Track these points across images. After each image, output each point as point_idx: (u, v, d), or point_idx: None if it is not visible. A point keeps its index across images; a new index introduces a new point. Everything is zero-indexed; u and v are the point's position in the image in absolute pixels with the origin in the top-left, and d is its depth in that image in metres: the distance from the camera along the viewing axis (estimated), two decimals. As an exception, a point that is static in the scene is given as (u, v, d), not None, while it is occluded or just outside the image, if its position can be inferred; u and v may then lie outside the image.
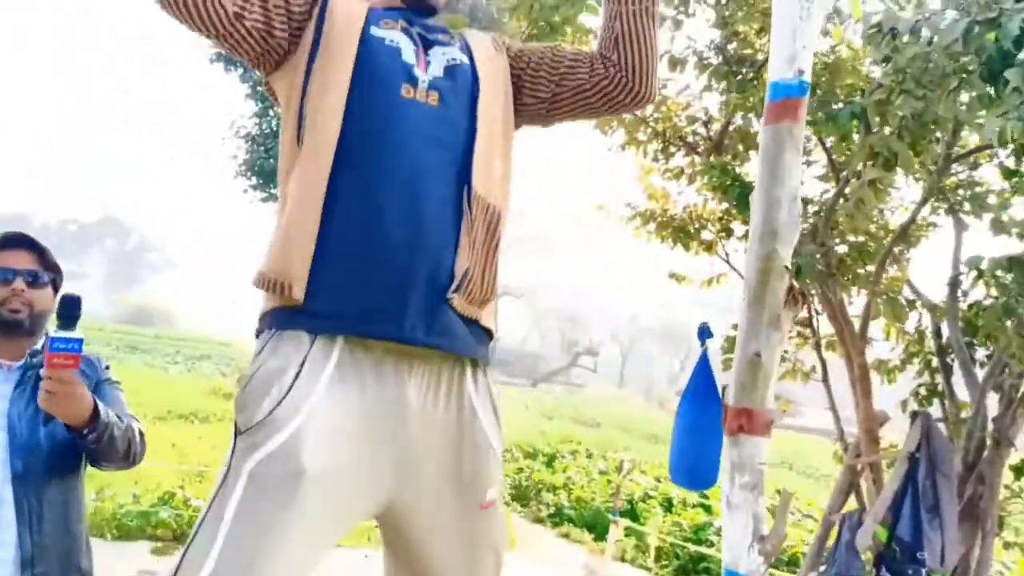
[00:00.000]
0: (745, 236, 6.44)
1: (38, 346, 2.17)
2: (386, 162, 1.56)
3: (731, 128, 6.03)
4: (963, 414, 5.75)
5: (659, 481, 10.88)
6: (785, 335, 1.90)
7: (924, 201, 5.37)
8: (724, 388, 1.91)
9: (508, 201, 1.73)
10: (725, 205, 6.18)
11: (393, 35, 1.66)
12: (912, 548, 5.21)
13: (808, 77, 1.82)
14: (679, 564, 7.93)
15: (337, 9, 1.66)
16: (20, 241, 2.21)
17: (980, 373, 5.60)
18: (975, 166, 5.52)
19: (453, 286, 1.57)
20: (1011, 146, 4.07)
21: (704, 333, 5.65)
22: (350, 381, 1.52)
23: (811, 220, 5.86)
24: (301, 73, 1.63)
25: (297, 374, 1.49)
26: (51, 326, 2.01)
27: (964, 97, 3.22)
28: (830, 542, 5.70)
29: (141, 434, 2.19)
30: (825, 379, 6.47)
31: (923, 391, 6.42)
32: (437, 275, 1.56)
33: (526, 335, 68.52)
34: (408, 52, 1.65)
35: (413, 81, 1.63)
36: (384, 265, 1.52)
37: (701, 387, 5.45)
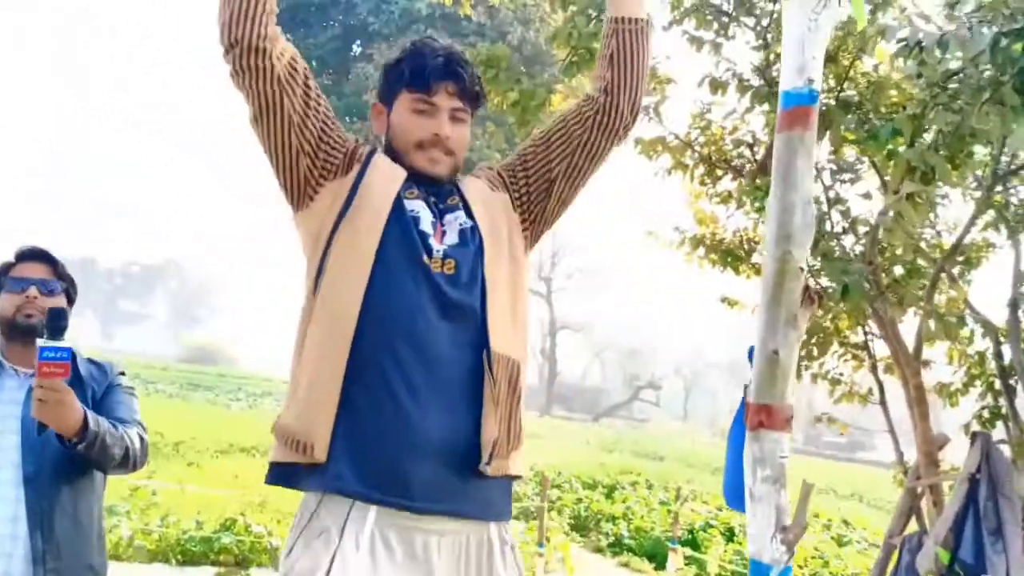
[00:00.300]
0: (826, 258, 6.45)
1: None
2: (407, 327, 1.66)
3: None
4: (1028, 437, 5.64)
5: (720, 511, 10.79)
6: (802, 333, 1.97)
7: (975, 218, 5.35)
8: (746, 387, 1.99)
9: (527, 347, 1.84)
10: (775, 228, 6.19)
11: (416, 205, 1.78)
12: (975, 571, 5.16)
13: (818, 86, 1.91)
14: (741, 594, 7.86)
15: (378, 170, 1.79)
16: (35, 254, 2.37)
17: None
18: (1030, 181, 5.48)
19: (485, 458, 1.65)
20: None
21: (754, 354, 5.71)
22: (381, 564, 1.60)
23: (862, 241, 5.87)
24: (329, 225, 1.74)
25: (330, 569, 1.57)
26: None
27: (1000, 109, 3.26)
28: (891, 566, 5.64)
29: (142, 440, 2.31)
30: (882, 402, 6.42)
31: (986, 413, 6.33)
32: (467, 448, 1.65)
33: (586, 369, 68.26)
34: (426, 223, 1.77)
35: (430, 251, 1.73)
36: (411, 436, 1.61)
37: (752, 410, 5.51)
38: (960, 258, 5.88)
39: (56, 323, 2.01)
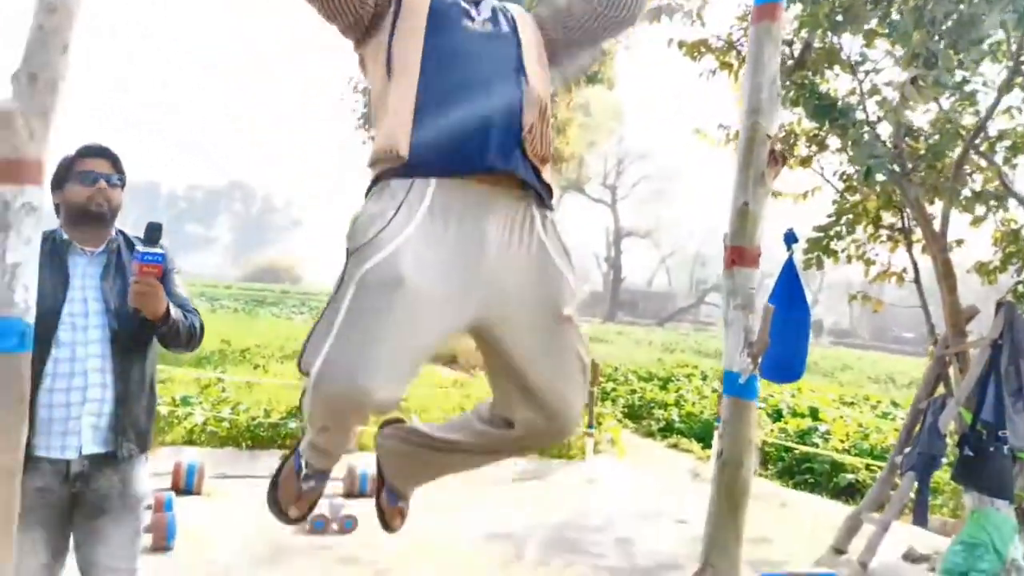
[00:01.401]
0: (839, 150, 6.72)
1: (113, 235, 2.69)
2: (461, 63, 2.05)
3: (815, 47, 6.25)
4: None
5: (771, 396, 11.28)
6: (769, 189, 2.38)
7: (997, 100, 5.57)
8: (725, 235, 2.41)
9: (549, 96, 2.21)
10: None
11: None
12: (995, 428, 5.49)
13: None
14: (784, 466, 8.37)
15: None
16: (98, 150, 2.68)
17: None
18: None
19: (526, 129, 2.02)
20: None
21: (790, 238, 6.04)
22: (439, 218, 1.93)
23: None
24: (387, 30, 2.11)
25: (396, 211, 1.91)
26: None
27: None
28: (918, 428, 6.05)
29: (201, 326, 2.76)
30: (916, 279, 6.74)
31: (1021, 288, 6.61)
32: (511, 123, 2.02)
33: (653, 275, 68.28)
34: (465, 2, 2.16)
35: (471, 18, 2.14)
36: (468, 121, 1.97)
37: (787, 289, 5.89)
38: (993, 138, 6.10)
39: (152, 234, 2.53)
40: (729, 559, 2.23)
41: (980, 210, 5.79)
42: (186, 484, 6.17)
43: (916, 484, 5.78)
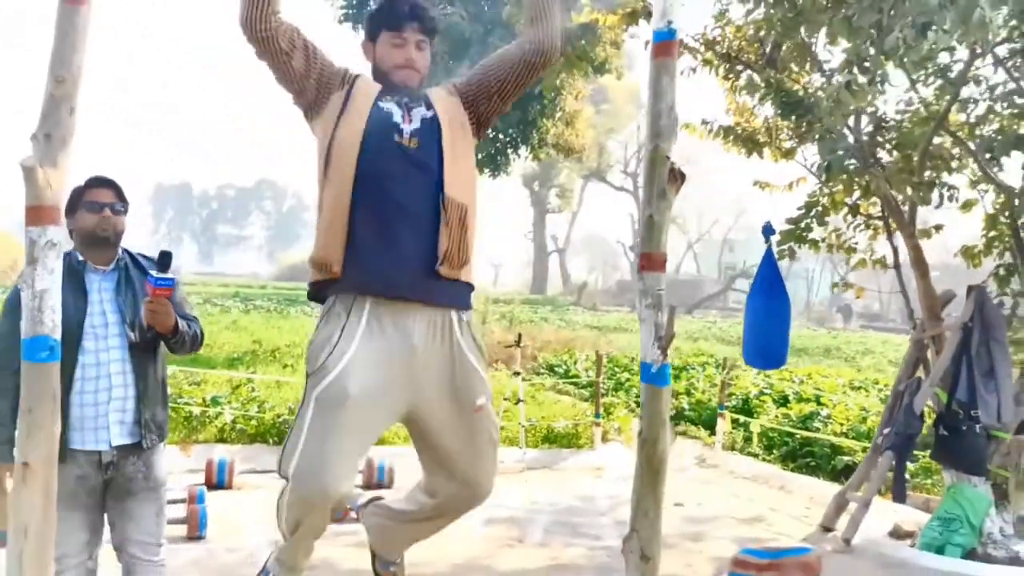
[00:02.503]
0: (821, 139, 6.97)
1: (120, 254, 3.07)
2: (387, 183, 2.57)
3: (783, 46, 6.53)
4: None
5: (781, 380, 11.56)
6: (671, 202, 2.71)
7: (954, 100, 5.84)
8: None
9: (475, 194, 2.73)
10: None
11: (390, 106, 2.67)
12: (968, 407, 5.76)
13: (677, 27, 2.63)
14: (787, 450, 8.67)
15: (359, 88, 2.69)
16: (103, 181, 3.06)
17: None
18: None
19: (439, 262, 2.56)
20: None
21: (768, 230, 6.40)
22: (375, 335, 2.52)
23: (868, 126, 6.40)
24: (331, 124, 2.63)
25: (340, 335, 2.51)
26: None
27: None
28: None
29: (201, 332, 3.20)
30: (896, 265, 7.00)
31: (1002, 271, 6.85)
32: (427, 255, 2.56)
33: (681, 262, 68.22)
34: (397, 115, 2.65)
35: (400, 133, 2.64)
36: (389, 254, 2.53)
37: (767, 279, 6.20)
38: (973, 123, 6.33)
39: (164, 260, 2.92)
40: (650, 524, 2.55)
41: (936, 197, 6.04)
42: (218, 479, 6.66)
43: (894, 463, 6.06)
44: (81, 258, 3.03)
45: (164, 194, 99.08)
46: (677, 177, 2.76)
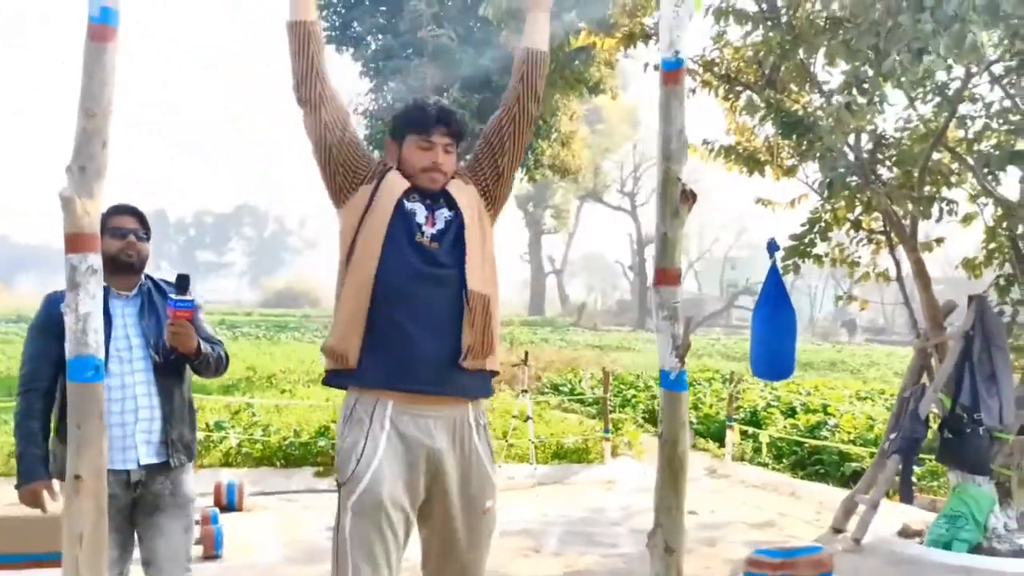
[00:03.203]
0: (822, 157, 7.19)
1: (142, 280, 3.18)
2: (410, 285, 2.64)
3: (783, 67, 6.75)
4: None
5: (787, 393, 11.75)
6: (684, 220, 2.92)
7: (952, 117, 6.07)
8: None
9: (496, 288, 2.82)
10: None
11: (414, 205, 2.74)
12: (971, 411, 5.98)
13: (683, 55, 2.84)
14: (796, 459, 8.90)
15: (387, 184, 2.76)
16: (128, 209, 3.18)
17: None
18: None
19: (462, 356, 2.64)
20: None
21: (772, 246, 6.64)
22: (398, 440, 2.62)
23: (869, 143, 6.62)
24: (357, 217, 2.73)
25: (365, 442, 2.60)
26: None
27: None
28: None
29: (226, 355, 3.29)
30: (899, 278, 7.23)
31: (1002, 281, 7.04)
32: (451, 351, 2.64)
33: (682, 281, 68.22)
34: (421, 216, 2.73)
35: (423, 233, 2.70)
36: (413, 348, 2.61)
37: (772, 293, 6.42)
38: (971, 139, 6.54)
39: (183, 283, 3.07)
40: (672, 519, 2.72)
41: (936, 211, 6.25)
42: (228, 502, 6.84)
43: (900, 466, 6.25)
44: (104, 283, 3.18)
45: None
46: (689, 197, 2.96)
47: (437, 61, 15.79)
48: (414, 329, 2.63)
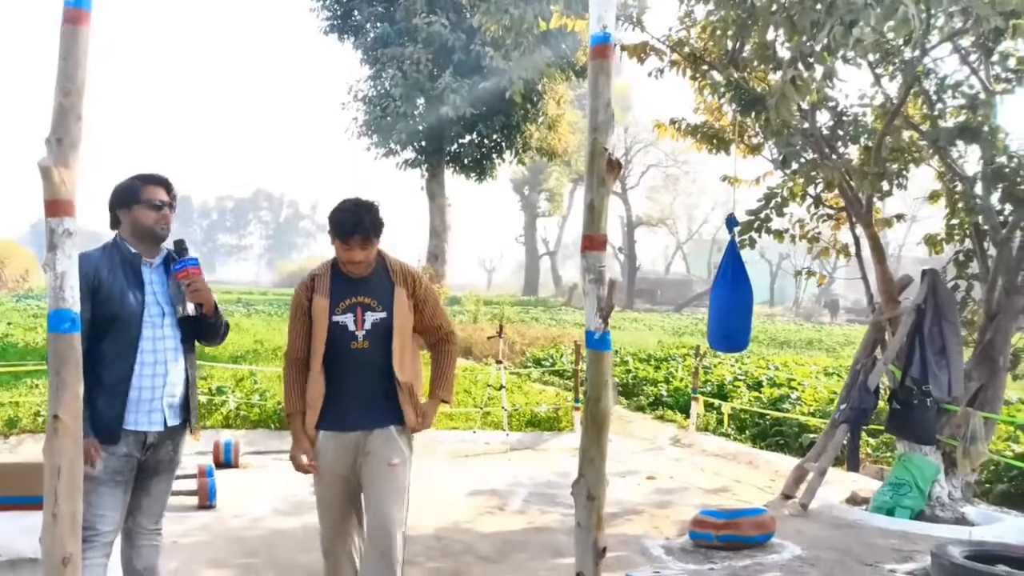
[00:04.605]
0: (777, 133, 7.21)
1: (162, 249, 3.25)
2: (348, 373, 3.41)
3: (744, 45, 6.80)
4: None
5: (756, 368, 11.85)
6: (609, 189, 2.97)
7: (908, 91, 6.11)
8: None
9: (418, 368, 3.59)
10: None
11: (344, 318, 3.41)
12: (920, 383, 6.07)
13: (611, 30, 2.89)
14: (758, 431, 8.97)
15: (314, 309, 3.43)
16: (159, 180, 3.23)
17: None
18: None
19: (410, 424, 3.46)
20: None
21: (731, 222, 6.71)
22: (330, 441, 3.43)
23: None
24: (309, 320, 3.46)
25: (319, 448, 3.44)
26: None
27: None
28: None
29: (227, 322, 3.43)
30: (858, 253, 7.28)
31: (961, 256, 7.12)
32: (375, 406, 3.43)
33: (671, 262, 68.53)
34: (351, 324, 3.41)
35: (355, 338, 3.40)
36: (356, 410, 3.41)
37: (731, 269, 6.49)
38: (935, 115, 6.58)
39: (181, 247, 3.22)
40: (595, 469, 2.79)
41: (886, 186, 6.31)
42: (225, 459, 7.14)
43: (848, 435, 6.36)
44: (134, 250, 3.18)
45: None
46: (615, 166, 3.02)
47: (430, 48, 15.81)
48: (354, 404, 3.47)
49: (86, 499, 2.83)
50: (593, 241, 2.97)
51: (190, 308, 3.23)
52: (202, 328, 3.31)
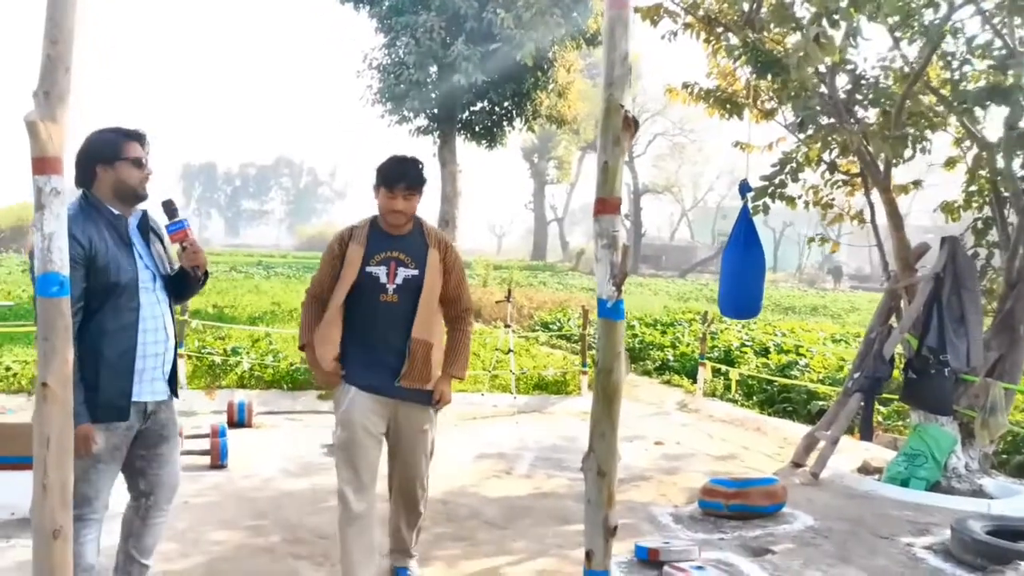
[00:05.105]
0: (795, 96, 6.95)
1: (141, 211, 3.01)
2: (370, 324, 3.46)
3: (762, 7, 6.52)
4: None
5: (763, 334, 11.65)
6: (624, 149, 2.76)
7: (932, 52, 5.83)
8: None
9: (440, 333, 3.60)
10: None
11: (377, 270, 3.46)
12: (937, 352, 5.84)
13: (631, -18, 2.66)
14: (765, 397, 8.76)
15: (351, 252, 3.48)
16: (137, 134, 2.94)
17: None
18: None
19: (403, 375, 3.45)
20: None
21: (744, 188, 6.44)
22: (366, 400, 3.46)
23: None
24: (338, 268, 3.51)
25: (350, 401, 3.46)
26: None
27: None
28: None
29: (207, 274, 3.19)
30: (872, 220, 7.03)
31: (979, 224, 6.87)
32: (397, 369, 3.45)
33: (675, 230, 68.22)
34: (383, 276, 3.46)
35: (385, 291, 3.45)
36: (375, 364, 3.46)
37: (743, 234, 6.26)
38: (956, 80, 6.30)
39: (171, 207, 3.03)
40: (606, 443, 2.61)
41: (909, 152, 6.05)
42: (238, 419, 7.05)
43: (862, 404, 6.17)
44: (116, 212, 2.90)
45: (192, 173, 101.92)
46: (631, 125, 2.81)
47: (443, 15, 15.53)
48: (373, 354, 3.52)
49: (85, 476, 2.71)
50: (606, 204, 2.77)
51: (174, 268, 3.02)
52: (185, 287, 3.08)
